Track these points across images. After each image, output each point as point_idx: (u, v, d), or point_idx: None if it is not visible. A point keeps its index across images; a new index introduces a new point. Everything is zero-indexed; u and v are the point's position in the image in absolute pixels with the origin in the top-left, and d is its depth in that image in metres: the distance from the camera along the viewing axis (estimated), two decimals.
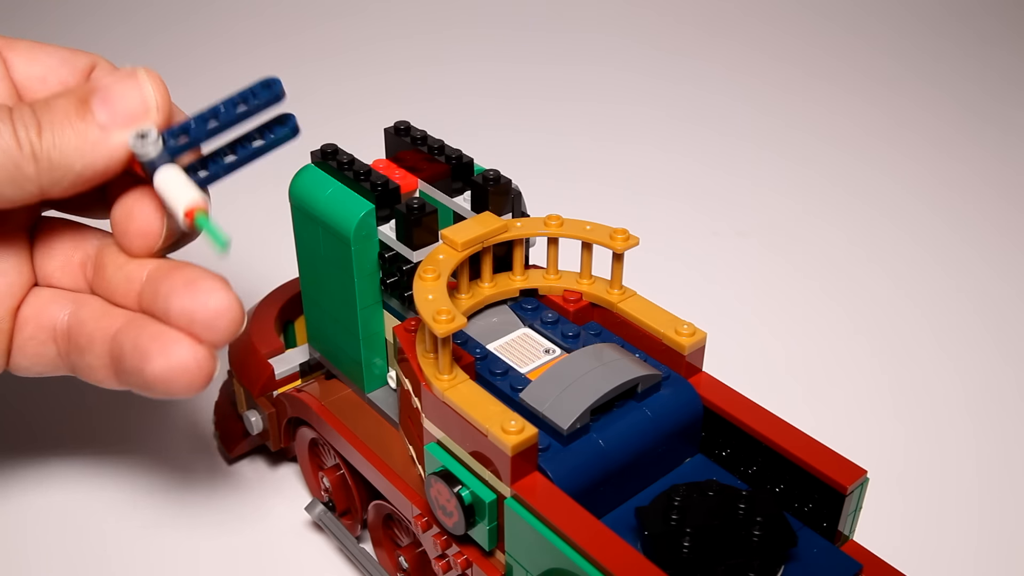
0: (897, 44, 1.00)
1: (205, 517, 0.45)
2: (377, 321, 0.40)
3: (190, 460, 0.48)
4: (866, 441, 0.50)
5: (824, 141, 0.81)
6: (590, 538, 0.30)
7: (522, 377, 0.35)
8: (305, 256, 0.41)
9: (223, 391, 0.50)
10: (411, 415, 0.37)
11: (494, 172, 0.39)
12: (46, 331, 0.37)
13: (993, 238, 0.69)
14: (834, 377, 0.55)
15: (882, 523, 0.42)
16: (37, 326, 0.37)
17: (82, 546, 0.44)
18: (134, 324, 0.34)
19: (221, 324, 0.34)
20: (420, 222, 0.37)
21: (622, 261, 0.38)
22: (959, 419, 0.52)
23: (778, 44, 0.99)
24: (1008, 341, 0.59)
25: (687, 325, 0.36)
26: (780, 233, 0.69)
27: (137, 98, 0.34)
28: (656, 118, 0.84)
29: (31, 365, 0.37)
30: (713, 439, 0.35)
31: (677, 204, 0.71)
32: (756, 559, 0.29)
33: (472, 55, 0.94)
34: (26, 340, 0.37)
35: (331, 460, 0.43)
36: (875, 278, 0.64)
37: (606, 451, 0.32)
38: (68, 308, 0.37)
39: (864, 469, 0.32)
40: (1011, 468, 0.49)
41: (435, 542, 0.35)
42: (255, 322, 0.47)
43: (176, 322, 0.34)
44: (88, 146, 0.33)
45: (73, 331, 0.36)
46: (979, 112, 0.87)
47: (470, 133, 0.76)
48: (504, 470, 0.31)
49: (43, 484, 0.47)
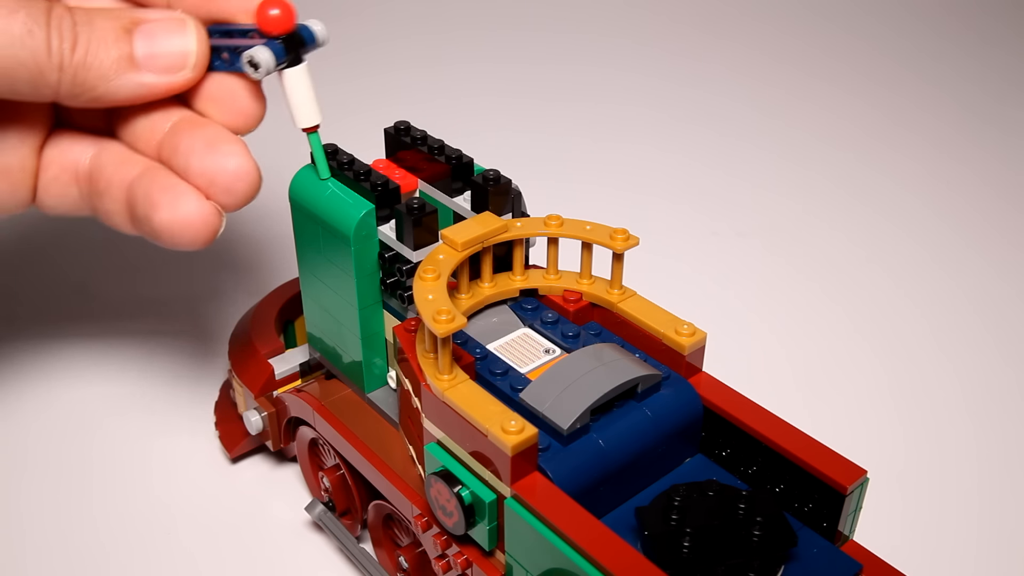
0: (897, 44, 1.00)
1: (205, 517, 0.45)
2: (377, 321, 0.40)
3: (190, 460, 0.48)
4: (866, 441, 0.50)
5: (824, 141, 0.81)
6: (590, 538, 0.30)
7: (522, 377, 0.35)
8: (305, 256, 0.41)
9: (223, 391, 0.50)
10: (411, 415, 0.37)
11: (494, 172, 0.39)
12: (69, 173, 0.38)
13: (993, 238, 0.69)
14: (834, 377, 0.55)
15: (882, 523, 0.42)
16: (60, 167, 0.37)
17: (82, 545, 0.44)
18: (149, 173, 0.35)
19: (239, 187, 0.35)
20: (420, 222, 0.37)
21: (622, 261, 0.38)
22: (959, 419, 0.52)
23: (778, 44, 0.99)
24: (1008, 341, 0.59)
25: (687, 325, 0.36)
26: (780, 233, 0.69)
27: (179, 48, 0.34)
28: (656, 118, 0.84)
29: (56, 205, 0.38)
30: (713, 439, 0.35)
31: (677, 204, 0.71)
32: (756, 559, 0.29)
33: (472, 55, 0.94)
34: (50, 181, 0.38)
35: (331, 460, 0.43)
36: (875, 278, 0.64)
37: (606, 451, 0.32)
38: (90, 151, 0.37)
39: (864, 469, 0.32)
40: (1011, 468, 0.49)
41: (435, 542, 0.35)
42: (255, 322, 0.47)
43: (195, 181, 0.35)
44: (116, 77, 0.34)
45: (94, 175, 0.37)
46: (979, 112, 0.87)
47: (470, 133, 0.76)
48: (504, 470, 0.31)
49: (42, 487, 0.47)
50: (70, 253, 0.62)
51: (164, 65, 0.34)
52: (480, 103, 0.85)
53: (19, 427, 0.50)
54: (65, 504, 0.46)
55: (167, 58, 0.34)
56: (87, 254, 0.62)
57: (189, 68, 0.35)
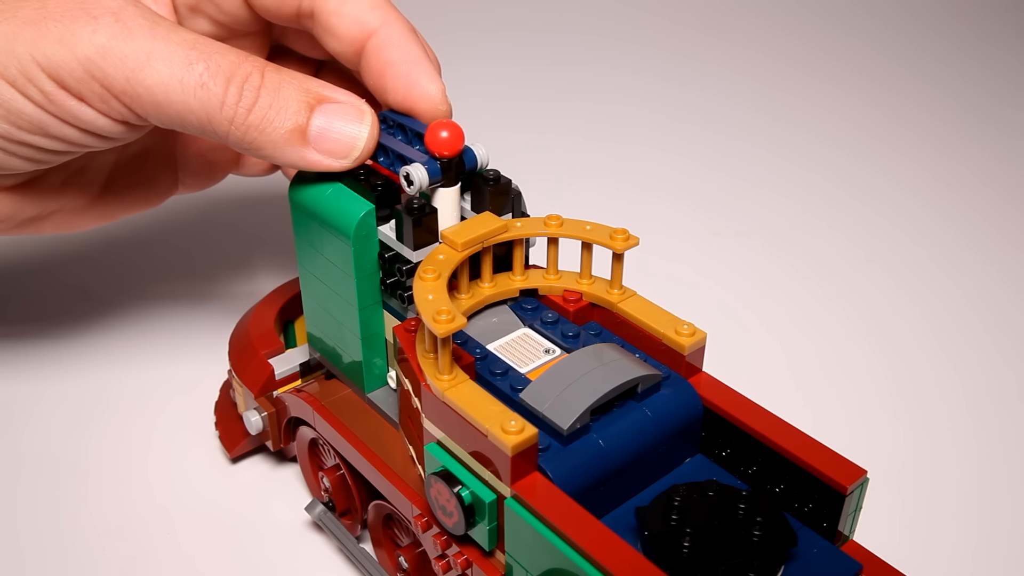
0: (897, 44, 1.00)
1: (205, 517, 0.45)
2: (377, 321, 0.40)
3: (190, 460, 0.48)
4: (866, 441, 0.50)
5: (824, 141, 0.81)
6: (590, 538, 0.30)
7: (522, 377, 0.35)
8: (305, 256, 0.41)
9: (223, 391, 0.50)
10: (411, 415, 0.37)
11: (494, 172, 0.39)
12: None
13: (993, 238, 0.69)
14: (834, 377, 0.55)
15: (882, 523, 0.42)
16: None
17: (82, 545, 0.44)
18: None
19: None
20: (420, 222, 0.37)
21: (622, 261, 0.38)
22: (959, 419, 0.52)
23: (778, 45, 0.99)
24: (1008, 341, 0.59)
25: (687, 325, 0.36)
26: (780, 233, 0.69)
27: (350, 138, 0.37)
28: (656, 119, 0.84)
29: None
30: (713, 439, 0.35)
31: (677, 204, 0.71)
32: (756, 559, 0.29)
33: (472, 55, 0.94)
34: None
35: (331, 460, 0.43)
36: (875, 278, 0.64)
37: (606, 451, 0.32)
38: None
39: (864, 469, 0.32)
40: (1011, 468, 0.49)
41: (435, 542, 0.35)
42: (255, 322, 0.47)
43: (388, 87, 0.40)
44: (283, 146, 0.36)
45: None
46: (979, 112, 0.87)
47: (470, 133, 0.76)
48: (504, 470, 0.31)
49: (40, 486, 0.47)
50: (70, 253, 0.62)
51: (331, 149, 0.36)
52: (480, 103, 0.85)
53: (17, 427, 0.50)
54: (64, 504, 0.46)
55: (336, 144, 0.36)
56: (87, 254, 0.62)
57: (351, 159, 0.37)
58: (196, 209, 0.67)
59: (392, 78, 0.40)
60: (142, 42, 0.35)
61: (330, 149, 0.37)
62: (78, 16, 0.35)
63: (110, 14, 0.35)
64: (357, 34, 0.40)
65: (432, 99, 0.40)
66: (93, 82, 0.35)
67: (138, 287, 0.60)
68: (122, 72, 0.34)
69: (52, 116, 0.36)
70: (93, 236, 0.63)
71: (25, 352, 0.55)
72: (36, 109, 0.36)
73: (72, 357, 0.54)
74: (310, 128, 0.36)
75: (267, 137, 0.36)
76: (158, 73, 0.35)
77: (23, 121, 0.36)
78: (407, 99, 0.40)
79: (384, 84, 0.40)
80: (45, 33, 0.34)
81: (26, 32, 0.35)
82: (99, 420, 0.50)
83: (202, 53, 0.35)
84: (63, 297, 0.59)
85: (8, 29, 0.35)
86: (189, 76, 0.35)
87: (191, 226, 0.65)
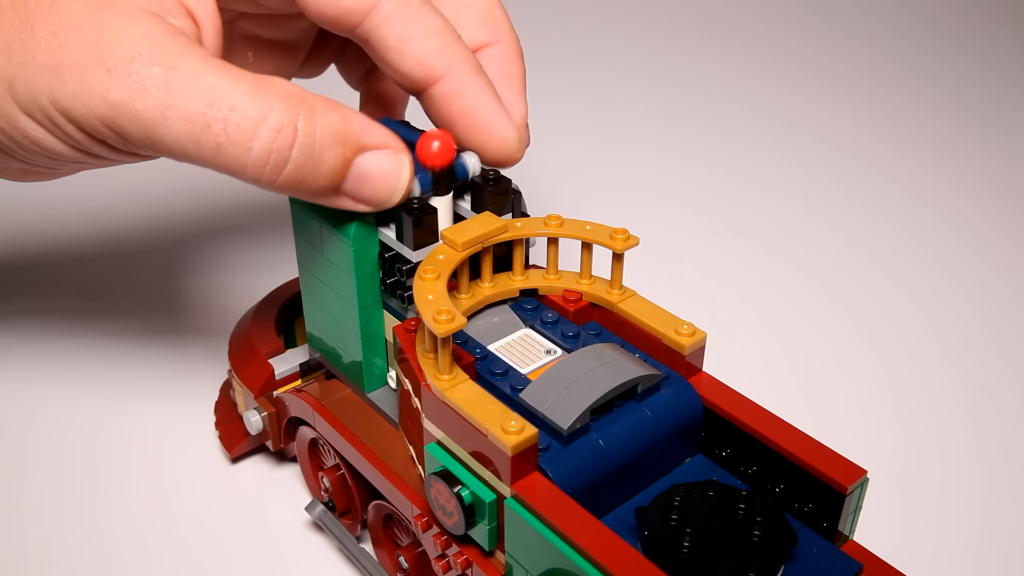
0: (897, 45, 1.00)
1: (205, 517, 0.45)
2: (377, 321, 0.40)
3: (190, 460, 0.48)
4: (866, 441, 0.50)
5: (824, 142, 0.81)
6: (590, 538, 0.30)
7: (522, 377, 0.35)
8: (305, 256, 0.41)
9: (223, 391, 0.50)
10: (411, 415, 0.37)
11: (494, 172, 0.39)
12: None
13: (993, 239, 0.69)
14: (834, 377, 0.55)
15: (882, 523, 0.42)
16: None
17: (83, 545, 0.44)
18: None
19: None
20: (420, 222, 0.37)
21: (622, 261, 0.38)
22: (959, 419, 0.52)
23: (778, 45, 0.99)
24: (1008, 341, 0.59)
25: (687, 325, 0.36)
26: (780, 233, 0.69)
27: (386, 187, 0.36)
28: (656, 119, 0.84)
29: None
30: (713, 439, 0.35)
31: (677, 204, 0.71)
32: (756, 559, 0.29)
33: None
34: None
35: (331, 460, 0.43)
36: (875, 278, 0.64)
37: (606, 451, 0.32)
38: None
39: (864, 469, 0.32)
40: (1011, 468, 0.49)
41: (435, 542, 0.35)
42: (255, 322, 0.47)
43: (460, 137, 0.39)
44: (310, 197, 0.35)
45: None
46: (980, 113, 0.87)
47: None
48: (504, 470, 0.31)
49: (40, 486, 0.47)
50: (70, 253, 0.62)
51: (366, 197, 0.36)
52: None
53: (19, 427, 0.50)
54: (66, 504, 0.46)
55: (372, 194, 0.36)
56: (87, 254, 0.62)
57: (388, 201, 0.36)
58: (196, 209, 0.67)
59: (463, 128, 0.39)
60: (157, 98, 0.33)
61: (366, 197, 0.36)
62: (91, 69, 0.33)
63: (125, 64, 0.33)
64: (420, 77, 0.39)
65: (508, 147, 0.39)
66: (113, 134, 0.34)
67: (138, 287, 0.60)
68: (139, 129, 0.33)
69: (83, 153, 0.36)
70: (93, 236, 0.63)
71: (25, 352, 0.55)
72: (68, 148, 0.36)
73: (71, 357, 0.54)
74: (344, 183, 0.35)
75: (298, 192, 0.35)
76: (174, 133, 0.33)
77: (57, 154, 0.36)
78: (482, 151, 0.39)
79: (455, 131, 0.39)
80: (61, 84, 0.34)
81: (44, 80, 0.34)
82: (98, 420, 0.50)
83: (220, 110, 0.33)
84: (62, 296, 0.59)
85: (29, 75, 0.34)
86: (206, 138, 0.33)
87: (191, 226, 0.65)
